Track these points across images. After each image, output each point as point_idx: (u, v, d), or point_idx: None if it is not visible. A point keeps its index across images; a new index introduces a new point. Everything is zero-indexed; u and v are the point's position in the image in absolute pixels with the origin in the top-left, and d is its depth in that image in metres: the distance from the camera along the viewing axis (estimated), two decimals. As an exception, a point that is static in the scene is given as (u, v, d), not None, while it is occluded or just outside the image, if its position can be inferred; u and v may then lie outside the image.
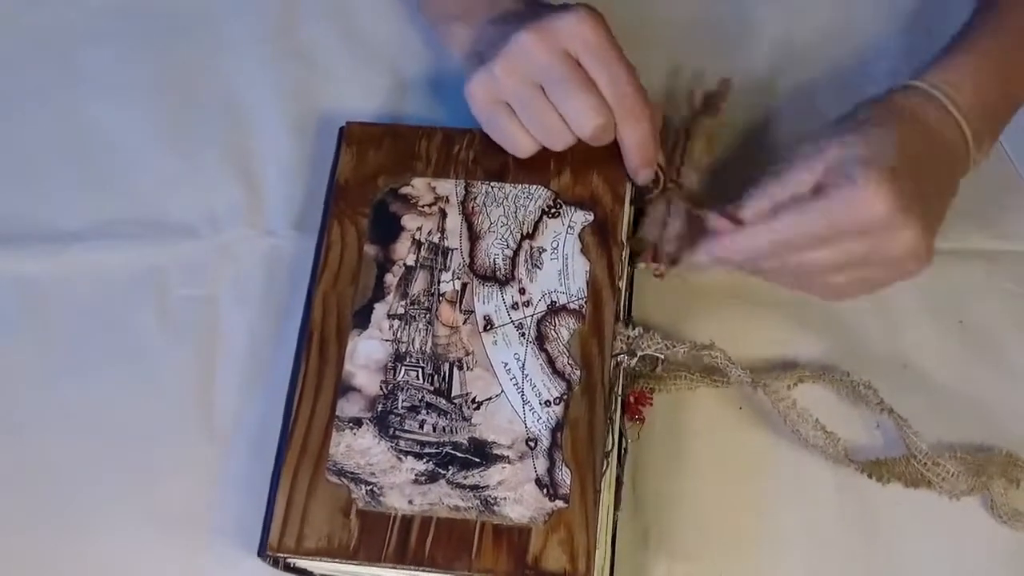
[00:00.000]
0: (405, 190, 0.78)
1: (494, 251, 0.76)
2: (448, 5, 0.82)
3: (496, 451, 0.70)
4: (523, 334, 0.73)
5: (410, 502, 0.69)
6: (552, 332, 0.73)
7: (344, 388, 0.72)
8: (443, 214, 0.77)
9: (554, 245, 0.75)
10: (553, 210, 0.76)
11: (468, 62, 0.79)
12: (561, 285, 0.74)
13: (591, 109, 0.73)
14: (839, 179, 0.67)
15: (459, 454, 0.70)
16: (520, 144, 0.76)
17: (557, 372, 0.71)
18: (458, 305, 0.74)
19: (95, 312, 0.80)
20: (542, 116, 0.74)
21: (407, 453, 0.70)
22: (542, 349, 0.72)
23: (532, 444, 0.70)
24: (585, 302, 0.73)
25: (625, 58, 0.73)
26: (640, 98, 0.73)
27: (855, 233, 0.68)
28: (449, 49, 0.82)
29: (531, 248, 0.75)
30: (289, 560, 0.70)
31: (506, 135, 0.76)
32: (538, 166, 0.77)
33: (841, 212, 0.67)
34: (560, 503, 0.68)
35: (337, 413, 0.71)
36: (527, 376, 0.71)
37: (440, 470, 0.69)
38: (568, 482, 0.68)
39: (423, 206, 0.77)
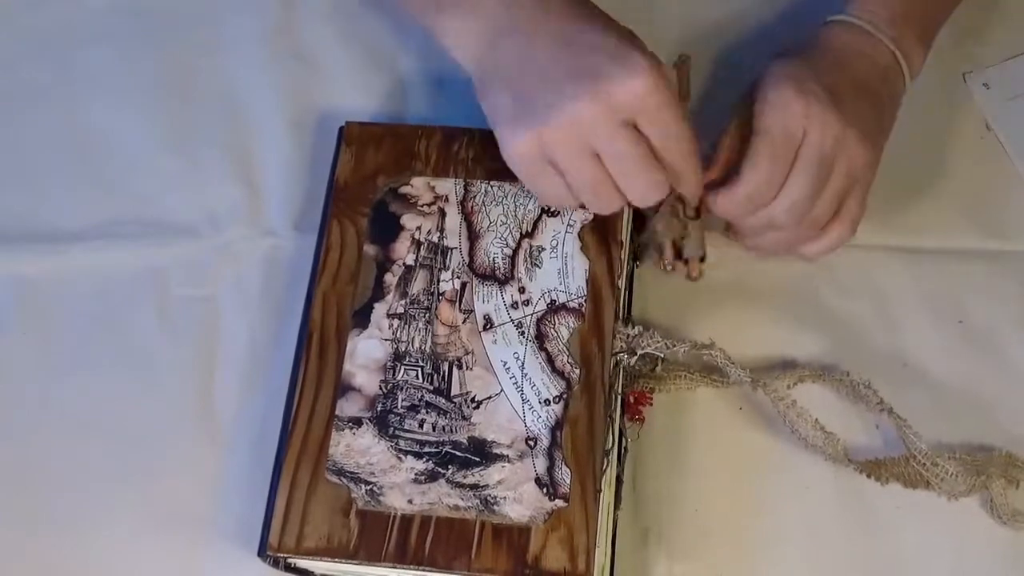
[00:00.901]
0: (404, 189, 0.78)
1: (493, 250, 0.76)
2: (454, 6, 0.75)
3: (496, 450, 0.70)
4: (523, 333, 0.73)
5: (410, 501, 0.69)
6: (552, 331, 0.73)
7: (344, 388, 0.72)
8: (442, 213, 0.77)
9: (553, 244, 0.75)
10: (552, 209, 0.76)
11: (480, 73, 0.72)
12: (561, 284, 0.74)
13: (655, 186, 0.69)
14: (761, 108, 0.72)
15: (459, 453, 0.70)
16: (566, 204, 0.72)
17: (557, 371, 0.71)
18: (458, 304, 0.74)
19: (95, 312, 0.80)
20: (596, 186, 0.69)
21: (407, 452, 0.70)
22: (542, 348, 0.72)
23: (532, 443, 0.70)
24: (585, 301, 0.73)
25: (682, 118, 0.68)
26: (694, 160, 0.70)
27: (791, 147, 0.71)
28: (443, 44, 0.74)
29: (531, 247, 0.75)
30: (289, 560, 0.70)
31: (550, 195, 0.71)
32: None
33: (771, 130, 0.71)
34: (560, 502, 0.68)
35: (337, 413, 0.71)
36: (527, 375, 0.71)
37: (440, 469, 0.69)
38: (568, 481, 0.68)
39: (422, 205, 0.77)
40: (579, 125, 0.67)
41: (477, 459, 0.69)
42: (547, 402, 0.71)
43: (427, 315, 0.74)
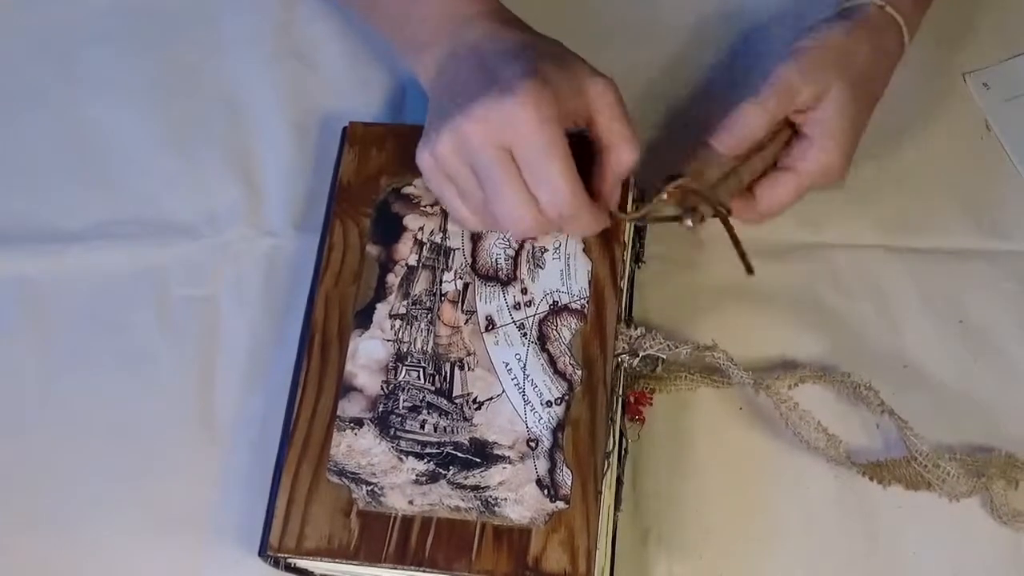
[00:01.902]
0: (407, 190, 0.78)
1: (496, 251, 0.76)
2: (417, 32, 0.76)
3: (497, 451, 0.70)
4: (525, 334, 0.73)
5: (410, 502, 0.69)
6: (554, 332, 0.73)
7: (345, 388, 0.72)
8: (445, 214, 0.77)
9: (556, 245, 0.75)
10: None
11: (429, 94, 0.75)
12: (563, 285, 0.74)
13: (518, 216, 0.68)
14: (811, 154, 0.75)
15: (460, 454, 0.70)
16: (467, 223, 0.73)
17: (559, 372, 0.71)
18: (460, 305, 0.74)
19: (95, 312, 0.80)
20: (480, 205, 0.71)
21: (408, 453, 0.70)
22: (544, 349, 0.72)
23: (533, 445, 0.70)
24: (587, 302, 0.73)
25: (562, 153, 0.67)
26: (573, 200, 0.68)
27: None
28: (419, 80, 0.76)
29: (533, 248, 0.75)
30: (289, 560, 0.70)
31: (452, 211, 0.73)
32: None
33: (810, 176, 0.75)
34: (561, 504, 0.68)
35: (338, 413, 0.71)
36: (528, 376, 0.71)
37: (441, 470, 0.69)
38: (569, 483, 0.68)
39: (425, 206, 0.77)
40: (460, 142, 0.68)
41: (478, 460, 0.69)
42: (549, 404, 0.71)
43: (429, 316, 0.74)
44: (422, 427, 0.71)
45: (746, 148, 0.74)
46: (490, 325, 0.73)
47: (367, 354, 0.73)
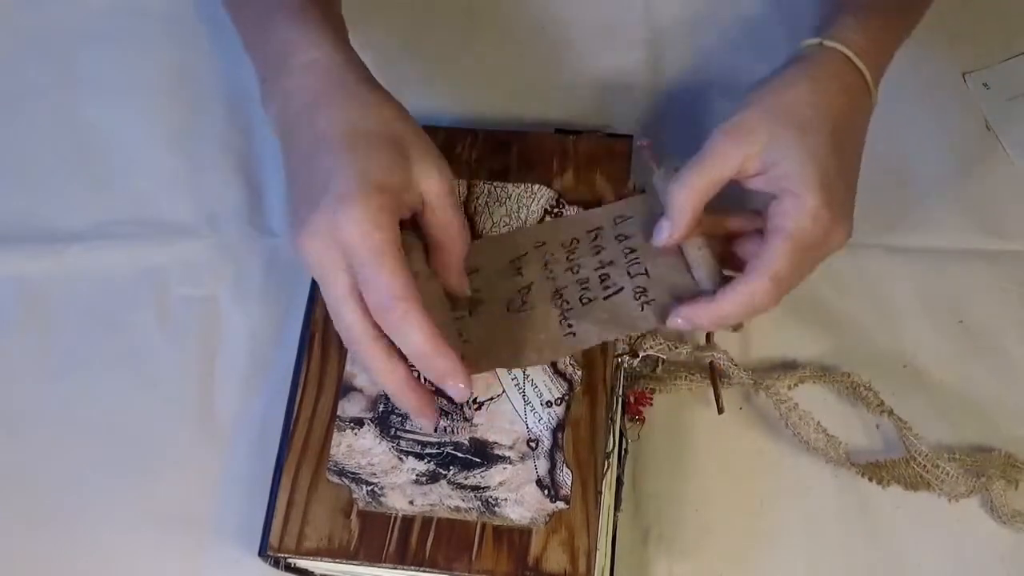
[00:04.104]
0: (406, 190, 0.78)
1: (495, 251, 0.76)
2: (257, 63, 0.73)
3: (497, 452, 0.70)
4: (525, 334, 0.73)
5: (411, 502, 0.69)
6: (554, 332, 0.73)
7: (345, 388, 0.72)
8: (444, 214, 0.77)
9: (555, 245, 0.75)
10: (556, 210, 0.76)
11: (282, 148, 0.71)
12: (562, 285, 0.74)
13: (346, 324, 0.65)
14: (776, 199, 0.68)
15: (460, 455, 0.70)
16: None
17: (559, 373, 0.71)
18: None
19: (95, 312, 0.80)
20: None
21: (408, 453, 0.70)
22: (544, 349, 0.72)
23: (533, 445, 0.70)
24: (586, 302, 0.73)
25: (395, 263, 0.63)
26: (405, 318, 0.63)
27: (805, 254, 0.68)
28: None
29: (533, 248, 0.76)
30: (289, 560, 0.70)
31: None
32: (541, 166, 0.78)
33: (801, 233, 0.67)
34: (561, 504, 0.68)
35: (338, 413, 0.71)
36: (529, 376, 0.71)
37: (441, 470, 0.69)
38: (569, 483, 0.68)
39: (425, 206, 0.77)
40: (299, 250, 0.65)
41: (478, 460, 0.69)
42: (549, 404, 0.71)
43: (429, 316, 0.74)
44: (422, 427, 0.70)
45: (688, 230, 0.70)
46: (490, 325, 0.73)
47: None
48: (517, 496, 0.68)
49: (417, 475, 0.69)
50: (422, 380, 0.67)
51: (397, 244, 0.64)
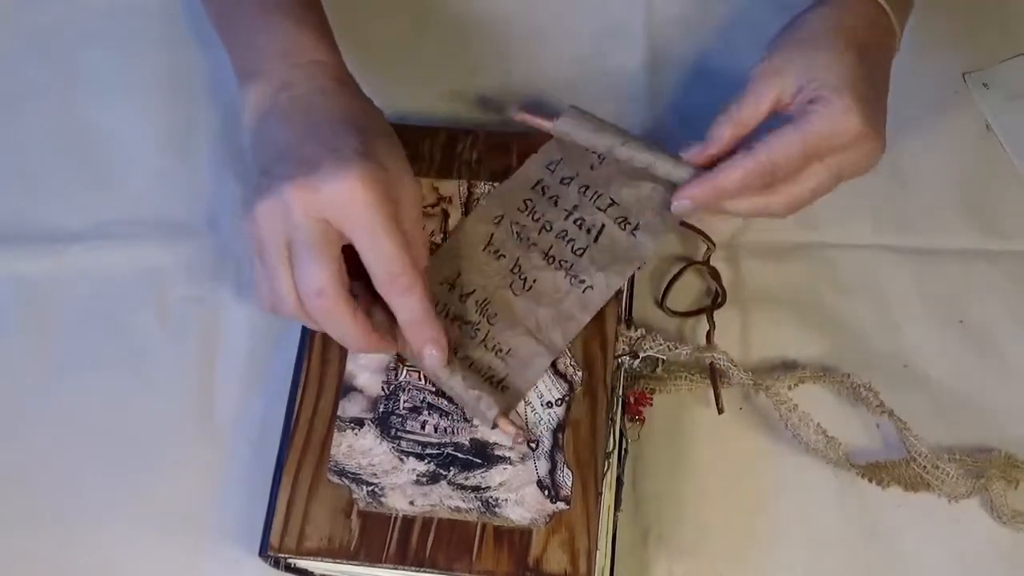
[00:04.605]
0: (406, 190, 0.78)
1: (495, 251, 0.76)
2: (253, 60, 0.73)
3: (497, 452, 0.70)
4: (525, 335, 0.73)
5: (411, 503, 0.69)
6: (554, 333, 0.73)
7: (346, 388, 0.72)
8: (445, 215, 0.77)
9: (556, 245, 0.76)
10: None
11: (252, 152, 0.71)
12: (562, 285, 0.74)
13: (314, 283, 0.65)
14: (809, 103, 0.70)
15: (460, 455, 0.70)
16: (259, 298, 0.69)
17: (559, 373, 0.71)
18: (460, 305, 0.74)
19: (95, 312, 0.80)
20: (272, 280, 0.67)
21: (408, 454, 0.70)
22: (544, 350, 0.72)
23: (534, 446, 0.70)
24: (586, 303, 0.73)
25: (396, 234, 0.65)
26: (407, 280, 0.66)
27: (826, 152, 0.71)
28: (242, 117, 0.73)
29: (533, 249, 0.76)
30: (290, 560, 0.70)
31: (256, 282, 0.68)
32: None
33: (817, 135, 0.70)
34: (561, 505, 0.68)
35: (339, 413, 0.71)
36: (529, 377, 0.71)
37: (441, 471, 0.69)
38: (569, 484, 0.68)
39: (426, 206, 0.77)
40: (282, 205, 0.65)
41: (479, 461, 0.69)
42: (549, 404, 0.71)
43: (429, 317, 0.74)
44: (423, 428, 0.70)
45: (712, 158, 0.73)
46: (490, 326, 0.73)
47: (367, 354, 0.73)
48: (517, 497, 0.68)
49: (417, 475, 0.69)
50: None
51: (396, 225, 0.66)
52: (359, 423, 0.71)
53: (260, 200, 0.66)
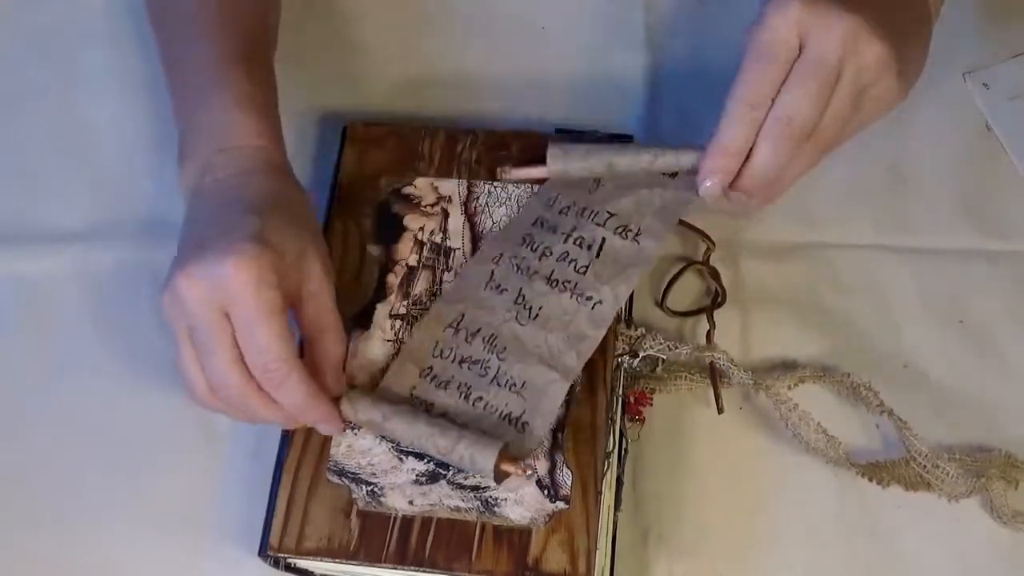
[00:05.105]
0: (407, 190, 0.78)
1: (495, 251, 0.76)
2: (189, 137, 0.73)
3: (497, 452, 0.69)
4: (525, 335, 0.73)
5: (411, 503, 0.69)
6: (554, 333, 0.73)
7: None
8: (445, 214, 0.77)
9: (557, 244, 0.75)
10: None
11: (183, 226, 0.71)
12: (562, 285, 0.74)
13: (222, 372, 0.65)
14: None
15: (460, 455, 0.70)
16: (195, 387, 0.68)
17: (559, 373, 0.71)
18: (460, 305, 0.74)
19: (95, 312, 0.80)
20: (187, 363, 0.67)
21: (408, 454, 0.70)
22: (544, 349, 0.72)
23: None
24: (586, 302, 0.73)
25: (278, 318, 0.64)
26: (280, 374, 0.65)
27: (834, 74, 0.66)
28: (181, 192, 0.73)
29: (533, 248, 0.75)
30: (289, 560, 0.69)
31: (181, 368, 0.68)
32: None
33: (762, 39, 0.66)
34: (561, 504, 0.68)
35: (338, 413, 0.71)
36: (528, 377, 0.71)
37: (441, 470, 0.69)
38: (569, 483, 0.68)
39: (425, 206, 0.77)
40: (178, 299, 0.65)
41: (478, 460, 0.69)
42: (549, 404, 0.71)
43: (429, 316, 0.74)
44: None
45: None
46: (490, 325, 0.73)
47: (367, 354, 0.73)
48: (517, 496, 0.68)
49: (417, 475, 0.69)
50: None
51: (282, 305, 0.65)
52: (359, 423, 0.71)
53: (164, 288, 0.66)
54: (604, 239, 0.74)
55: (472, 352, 0.72)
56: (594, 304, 0.72)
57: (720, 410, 0.74)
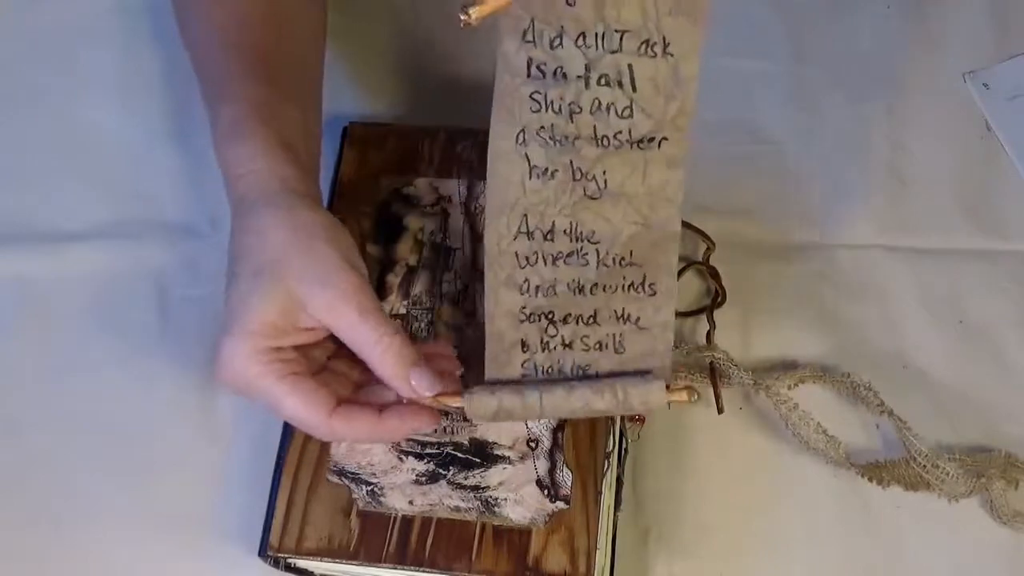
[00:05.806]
0: (408, 190, 0.78)
1: (495, 251, 0.75)
2: (228, 170, 0.70)
3: (497, 452, 0.70)
4: (525, 335, 0.72)
5: (410, 502, 0.69)
6: (554, 333, 0.72)
7: (345, 388, 0.72)
8: (445, 214, 0.77)
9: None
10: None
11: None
12: (562, 285, 0.73)
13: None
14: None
15: (460, 454, 0.70)
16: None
17: (559, 372, 0.71)
18: (460, 305, 0.74)
19: (95, 312, 0.80)
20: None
21: (408, 453, 0.70)
22: (544, 350, 0.72)
23: (533, 445, 0.70)
24: (586, 302, 0.73)
25: (289, 389, 0.63)
26: (322, 432, 0.64)
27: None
28: None
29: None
30: (289, 560, 0.69)
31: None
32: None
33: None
34: (561, 504, 0.68)
35: (338, 413, 0.71)
36: (528, 377, 0.71)
37: (441, 470, 0.69)
38: (569, 483, 0.68)
39: (426, 206, 0.77)
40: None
41: (478, 460, 0.69)
42: (549, 403, 0.70)
43: (429, 316, 0.74)
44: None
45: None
46: (490, 325, 0.73)
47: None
48: (517, 496, 0.68)
49: (417, 475, 0.69)
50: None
51: (280, 372, 0.63)
52: (359, 423, 0.71)
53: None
54: (631, 66, 0.58)
55: (556, 249, 0.63)
56: (659, 141, 0.60)
57: (720, 410, 0.74)
